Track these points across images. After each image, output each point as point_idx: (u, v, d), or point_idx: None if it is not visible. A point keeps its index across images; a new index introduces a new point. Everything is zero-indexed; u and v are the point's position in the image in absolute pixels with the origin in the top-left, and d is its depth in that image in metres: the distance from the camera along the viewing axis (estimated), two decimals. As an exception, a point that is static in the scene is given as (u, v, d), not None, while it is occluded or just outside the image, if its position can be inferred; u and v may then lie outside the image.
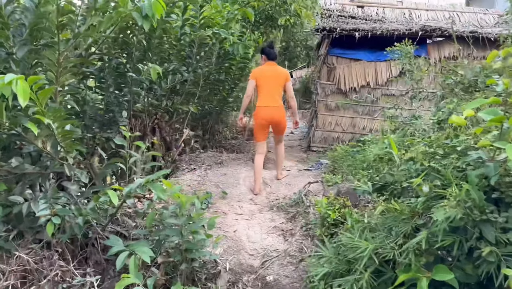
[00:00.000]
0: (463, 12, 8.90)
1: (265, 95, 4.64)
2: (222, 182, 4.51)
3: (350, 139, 8.00)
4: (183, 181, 4.56)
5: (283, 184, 4.51)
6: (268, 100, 4.62)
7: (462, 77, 2.84)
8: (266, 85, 4.64)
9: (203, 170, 4.85)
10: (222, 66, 6.98)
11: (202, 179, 4.58)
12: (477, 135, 2.02)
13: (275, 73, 4.72)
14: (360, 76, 7.74)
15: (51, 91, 2.34)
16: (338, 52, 7.83)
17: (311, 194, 4.10)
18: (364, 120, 7.89)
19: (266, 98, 4.63)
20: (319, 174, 4.74)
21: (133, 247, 2.66)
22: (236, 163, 5.28)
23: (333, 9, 8.74)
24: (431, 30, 7.19)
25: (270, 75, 4.68)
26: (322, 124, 8.10)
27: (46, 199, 2.82)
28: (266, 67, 4.77)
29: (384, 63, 7.69)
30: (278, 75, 4.71)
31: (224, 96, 7.52)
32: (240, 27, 6.72)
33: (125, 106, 5.10)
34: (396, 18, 8.49)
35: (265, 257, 3.21)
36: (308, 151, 8.17)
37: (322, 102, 8.05)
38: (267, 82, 4.64)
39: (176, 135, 6.01)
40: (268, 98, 4.62)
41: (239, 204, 4.08)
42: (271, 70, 4.72)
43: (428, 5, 9.51)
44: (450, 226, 1.84)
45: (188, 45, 5.97)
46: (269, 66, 4.77)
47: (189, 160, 5.28)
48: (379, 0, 10.10)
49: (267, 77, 4.67)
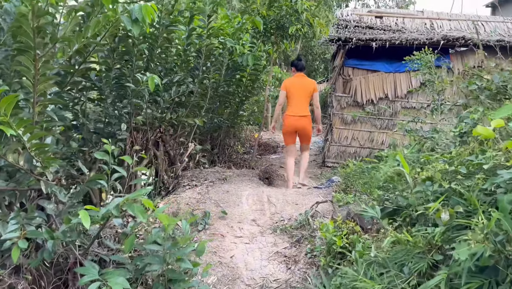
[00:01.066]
0: (488, 22, 8.40)
1: (294, 105, 5.04)
2: (223, 200, 4.17)
3: (368, 155, 7.55)
4: (182, 198, 4.25)
5: (290, 203, 4.13)
6: (297, 110, 5.03)
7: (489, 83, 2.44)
8: (296, 95, 5.03)
9: (205, 187, 4.53)
10: (233, 78, 6.73)
11: (202, 196, 4.26)
12: (508, 150, 1.63)
13: (304, 84, 5.10)
14: (377, 88, 7.34)
15: (12, 99, 2.08)
16: (354, 63, 7.47)
17: (319, 215, 3.71)
18: (382, 134, 7.45)
19: (295, 108, 5.03)
20: (329, 193, 4.34)
21: (108, 276, 2.34)
22: (241, 179, 4.94)
23: (350, 20, 8.40)
24: (453, 39, 6.76)
25: (299, 86, 5.07)
26: (338, 138, 7.71)
27: (17, 219, 2.54)
28: (296, 79, 5.18)
29: (403, 74, 7.27)
30: (306, 86, 5.09)
31: (235, 109, 7.24)
32: (250, 38, 6.47)
33: (125, 119, 4.87)
34: (417, 29, 8.07)
35: (263, 288, 2.84)
36: (322, 167, 7.78)
37: (337, 115, 7.67)
38: (296, 93, 5.04)
39: (181, 150, 5.73)
40: (297, 107, 5.03)
41: (239, 225, 3.72)
42: (300, 81, 5.12)
43: (450, 14, 9.07)
44: (477, 265, 1.45)
45: (195, 56, 5.74)
46: (298, 78, 5.19)
47: (191, 175, 4.97)
48: (399, 11, 9.72)
49: (296, 88, 5.06)
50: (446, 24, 8.31)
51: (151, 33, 4.77)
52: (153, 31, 4.78)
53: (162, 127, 5.53)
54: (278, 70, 10.53)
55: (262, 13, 5.90)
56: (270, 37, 6.32)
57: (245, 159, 7.98)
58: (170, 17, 4.89)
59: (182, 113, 5.71)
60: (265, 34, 6.26)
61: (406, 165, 1.96)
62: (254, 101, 9.54)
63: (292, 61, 5.54)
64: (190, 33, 5.41)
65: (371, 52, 7.24)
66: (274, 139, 11.81)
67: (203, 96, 6.38)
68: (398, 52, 7.31)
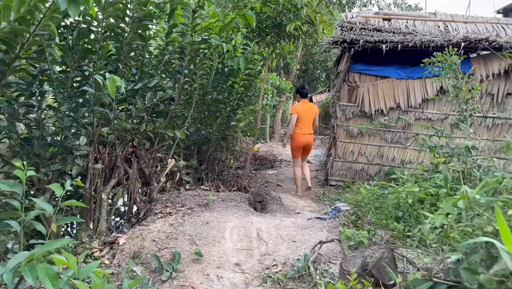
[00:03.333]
0: (509, 24, 7.57)
1: (303, 125, 6.10)
2: (200, 235, 3.28)
3: (377, 173, 6.66)
4: (149, 232, 3.35)
5: (285, 240, 3.23)
6: (305, 129, 6.11)
7: None
8: (304, 117, 6.09)
9: (181, 216, 3.64)
10: (223, 85, 5.88)
11: (175, 229, 3.36)
12: None
13: (309, 109, 6.20)
14: (388, 97, 6.47)
15: None
16: (361, 68, 6.62)
17: (323, 260, 2.82)
18: (393, 149, 6.55)
19: (304, 127, 6.10)
20: (335, 226, 3.44)
21: None
22: (226, 205, 4.04)
23: (355, 22, 7.59)
24: (476, 41, 5.90)
25: (306, 110, 6.13)
26: (343, 153, 6.81)
27: None
28: (302, 104, 6.22)
29: (417, 81, 6.40)
30: (311, 110, 6.20)
31: (226, 120, 6.38)
32: (243, 38, 5.63)
33: (84, 131, 4.00)
34: (430, 32, 7.23)
35: None
36: (325, 185, 6.87)
37: (342, 127, 6.79)
38: (304, 115, 6.09)
39: (158, 167, 4.85)
40: (305, 127, 6.11)
41: (218, 272, 2.82)
42: (306, 106, 6.20)
43: (466, 16, 8.24)
44: None
45: (178, 58, 4.90)
46: (304, 103, 6.23)
47: (166, 200, 4.09)
48: (409, 13, 8.92)
49: (304, 112, 6.11)
50: (462, 27, 7.47)
51: (118, 27, 3.93)
52: (123, 27, 3.93)
53: (135, 140, 4.66)
54: (276, 78, 9.67)
55: (255, 9, 5.05)
56: (266, 38, 5.48)
57: (238, 175, 7.09)
58: (144, 9, 4.05)
59: (160, 124, 4.86)
60: (260, 33, 5.42)
61: (508, 231, 1.07)
62: (250, 111, 8.68)
63: (297, 89, 6.43)
64: (170, 30, 4.58)
65: (380, 56, 6.39)
66: (272, 152, 10.93)
67: (187, 105, 5.54)
68: (410, 56, 6.47)
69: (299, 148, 6.15)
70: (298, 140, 6.12)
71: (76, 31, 3.75)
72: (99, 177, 4.20)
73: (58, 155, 4.06)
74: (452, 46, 4.68)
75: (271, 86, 10.20)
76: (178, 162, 5.24)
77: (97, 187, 4.19)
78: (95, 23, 3.77)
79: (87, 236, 3.96)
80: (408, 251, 3.03)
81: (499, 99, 6.10)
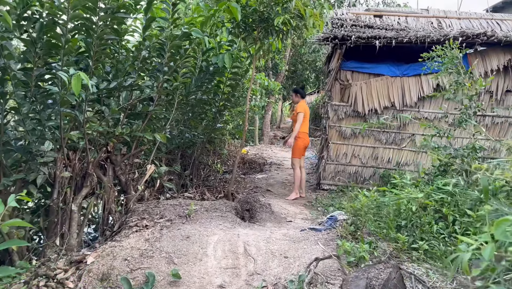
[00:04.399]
0: (504, 20, 7.33)
1: (306, 125, 6.12)
2: (179, 252, 2.88)
3: (372, 175, 6.32)
4: (122, 248, 2.95)
5: (276, 256, 2.86)
6: (307, 129, 6.16)
7: None
8: (306, 117, 6.11)
9: (158, 229, 3.24)
10: (208, 84, 5.49)
11: (151, 245, 2.96)
12: None
13: (308, 109, 6.25)
14: (382, 96, 6.15)
15: None
16: (353, 66, 6.29)
17: (320, 280, 2.44)
18: (389, 151, 6.23)
19: (306, 127, 6.14)
20: (332, 238, 3.08)
21: None
22: (210, 216, 3.65)
23: (346, 19, 7.27)
24: (473, 35, 5.61)
25: (307, 110, 6.17)
26: (335, 155, 6.47)
27: None
28: (305, 103, 6.22)
29: (412, 79, 6.09)
30: (308, 111, 6.25)
31: (212, 121, 5.99)
32: (228, 34, 5.26)
33: (50, 135, 3.58)
34: (423, 28, 6.94)
35: None
36: (317, 190, 6.52)
37: (334, 128, 6.45)
38: (307, 115, 6.13)
39: (136, 174, 4.44)
40: (307, 127, 6.16)
41: (199, 297, 2.43)
42: (306, 106, 6.22)
43: (459, 13, 7.99)
44: None
45: (157, 55, 4.51)
46: (304, 103, 6.22)
47: (144, 210, 3.68)
48: (400, 9, 8.65)
49: (307, 111, 6.15)
50: (455, 23, 7.20)
51: (88, 19, 3.53)
52: (93, 19, 3.53)
53: (110, 145, 4.25)
54: (264, 78, 9.31)
55: (241, 1, 4.68)
56: (252, 33, 5.11)
57: (225, 179, 6.71)
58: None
59: (138, 127, 4.45)
60: (246, 28, 5.05)
61: None
62: (238, 112, 8.30)
63: (297, 89, 6.40)
64: (148, 24, 4.18)
65: (373, 53, 6.08)
66: (262, 155, 10.55)
67: (169, 106, 5.15)
68: (405, 53, 6.18)
69: (304, 148, 6.14)
70: (303, 140, 6.10)
71: (39, 23, 3.34)
72: (69, 186, 3.77)
73: (22, 162, 3.64)
74: (449, 41, 4.37)
75: (259, 87, 9.85)
76: (159, 168, 4.83)
77: (67, 197, 3.77)
78: (61, 14, 3.37)
79: (54, 253, 3.55)
80: (415, 266, 2.68)
81: (499, 97, 5.82)
